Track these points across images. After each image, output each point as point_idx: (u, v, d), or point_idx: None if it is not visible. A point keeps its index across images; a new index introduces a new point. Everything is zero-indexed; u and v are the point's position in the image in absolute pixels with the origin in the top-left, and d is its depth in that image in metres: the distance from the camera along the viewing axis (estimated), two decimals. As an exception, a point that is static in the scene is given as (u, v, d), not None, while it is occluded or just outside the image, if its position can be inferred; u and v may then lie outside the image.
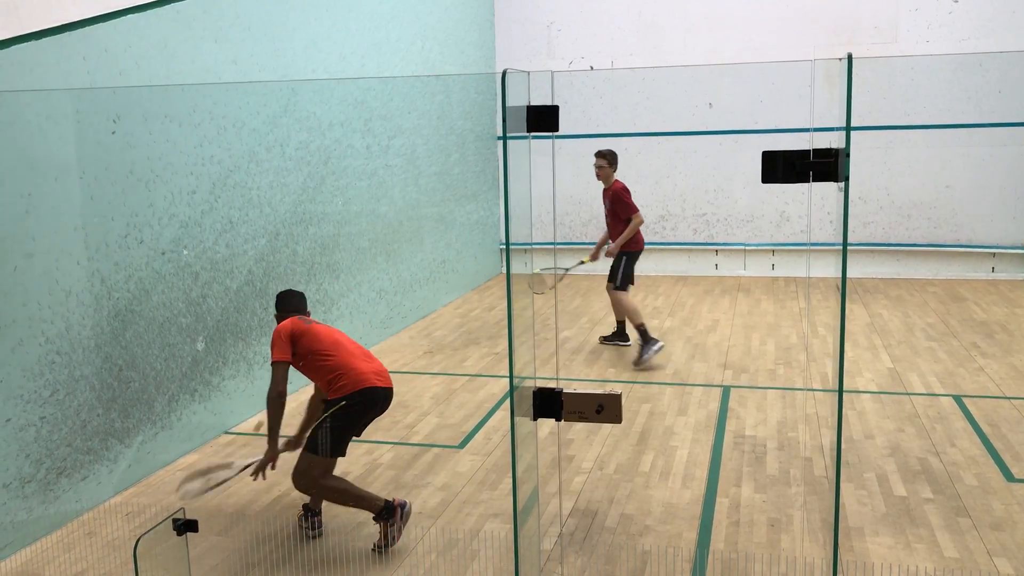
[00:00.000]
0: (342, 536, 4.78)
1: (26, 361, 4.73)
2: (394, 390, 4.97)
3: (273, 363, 4.75)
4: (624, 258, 8.22)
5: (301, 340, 4.77)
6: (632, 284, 8.35)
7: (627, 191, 8.27)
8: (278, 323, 5.01)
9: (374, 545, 4.62)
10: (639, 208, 8.28)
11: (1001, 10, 11.24)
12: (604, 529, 4.77)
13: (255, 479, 4.90)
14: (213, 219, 6.29)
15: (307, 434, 4.81)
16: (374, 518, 4.63)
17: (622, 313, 8.42)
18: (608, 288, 8.38)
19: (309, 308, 7.47)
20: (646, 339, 7.86)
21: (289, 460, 4.92)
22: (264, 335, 7.01)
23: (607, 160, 8.27)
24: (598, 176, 8.34)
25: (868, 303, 10.32)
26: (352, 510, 4.88)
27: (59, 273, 4.94)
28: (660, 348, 7.88)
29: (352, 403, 4.66)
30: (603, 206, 8.49)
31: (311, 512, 4.85)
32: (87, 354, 5.15)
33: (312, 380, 4.90)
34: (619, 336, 8.67)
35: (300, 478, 4.67)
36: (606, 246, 8.45)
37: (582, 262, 8.56)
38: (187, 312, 6.04)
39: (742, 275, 12.34)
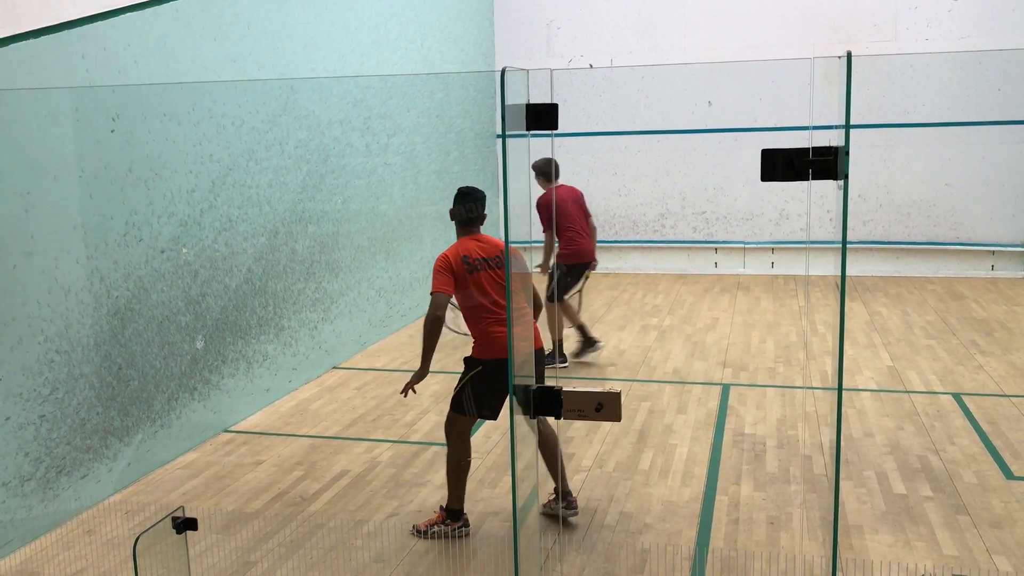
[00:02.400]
0: (342, 534, 4.78)
1: (25, 360, 4.73)
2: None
3: (432, 292, 4.68)
4: (560, 270, 7.81)
5: (458, 283, 4.69)
6: (567, 295, 7.92)
7: (544, 205, 7.76)
8: (453, 218, 4.88)
9: (417, 526, 4.77)
10: (551, 225, 7.88)
11: (1001, 7, 11.23)
12: (604, 527, 4.77)
13: (403, 395, 4.84)
14: (212, 217, 6.29)
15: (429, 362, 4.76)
16: (442, 507, 4.77)
17: (574, 320, 7.98)
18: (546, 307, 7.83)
19: (309, 305, 7.48)
20: (587, 342, 7.95)
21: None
22: (263, 333, 7.01)
23: (539, 175, 7.69)
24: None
25: (867, 301, 10.32)
26: (353, 508, 4.87)
27: (58, 272, 4.94)
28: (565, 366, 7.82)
29: (488, 370, 4.66)
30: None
31: (455, 511, 4.78)
32: (86, 352, 5.15)
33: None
34: (587, 344, 8.03)
35: (446, 426, 4.80)
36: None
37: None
38: (186, 310, 6.03)
39: (741, 273, 12.34)
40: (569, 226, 7.90)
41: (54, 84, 4.90)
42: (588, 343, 7.97)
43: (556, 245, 8.04)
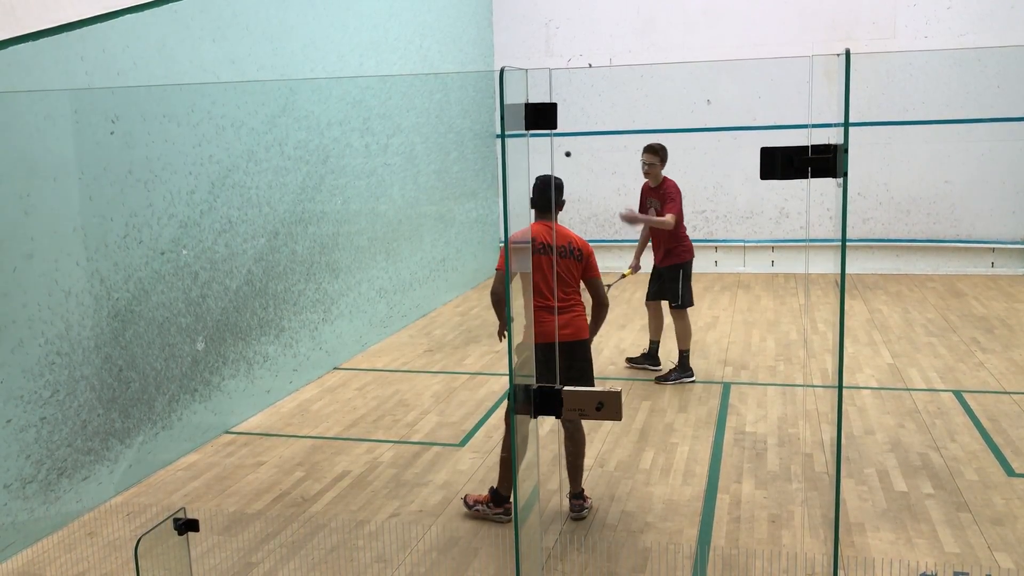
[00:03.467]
0: (343, 535, 4.79)
1: (26, 362, 4.73)
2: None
3: (497, 269, 5.05)
4: (681, 270, 7.31)
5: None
6: (692, 304, 7.45)
7: (678, 189, 7.25)
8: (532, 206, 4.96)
9: (468, 497, 5.00)
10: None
11: (1000, 5, 11.23)
12: (605, 526, 4.77)
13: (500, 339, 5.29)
14: (212, 219, 6.29)
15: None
16: (491, 489, 4.93)
17: (659, 333, 7.62)
18: (649, 305, 7.62)
19: (309, 306, 7.49)
20: (684, 367, 7.32)
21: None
22: (264, 334, 7.01)
23: (659, 157, 7.25)
24: (646, 174, 7.35)
25: (868, 299, 10.32)
26: (354, 508, 4.87)
27: (58, 274, 4.94)
28: (692, 380, 7.29)
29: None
30: (648, 206, 7.46)
31: (500, 497, 4.90)
32: (87, 354, 5.15)
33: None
34: (650, 358, 7.70)
35: (505, 414, 5.06)
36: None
37: (623, 275, 7.80)
38: (187, 312, 6.04)
39: (742, 272, 12.34)
40: (684, 223, 7.44)
41: (53, 86, 4.90)
42: (684, 369, 7.36)
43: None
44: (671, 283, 7.35)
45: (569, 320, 4.92)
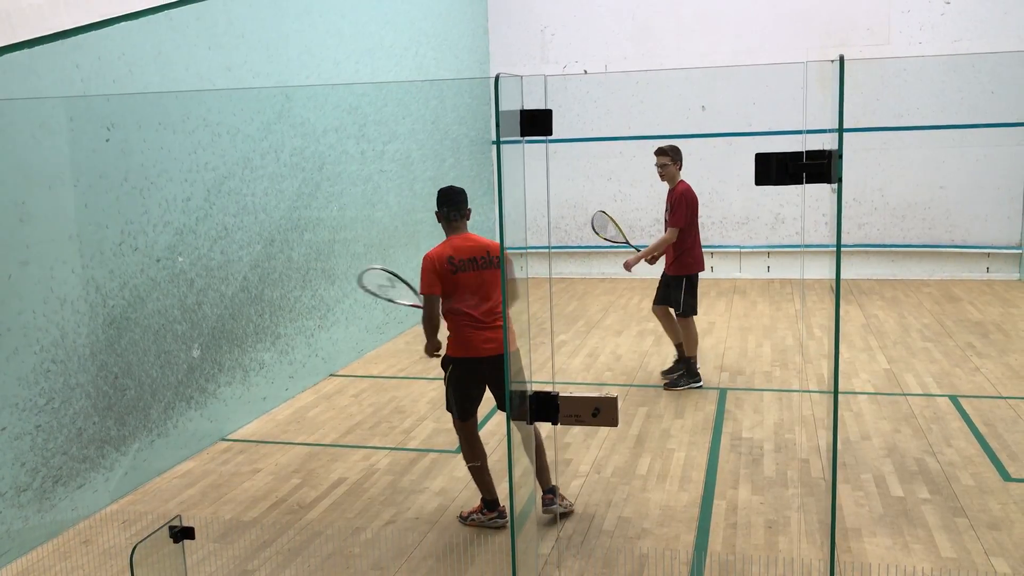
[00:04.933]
0: (339, 542, 4.78)
1: (21, 370, 4.72)
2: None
3: (423, 294, 4.85)
4: (685, 280, 7.31)
5: (442, 282, 4.78)
6: (695, 313, 7.39)
7: (688, 197, 7.18)
8: (439, 220, 4.97)
9: (462, 512, 5.02)
10: (684, 224, 7.19)
11: (993, 11, 11.28)
12: (602, 532, 4.77)
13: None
14: (208, 226, 6.29)
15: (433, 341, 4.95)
16: (481, 500, 4.95)
17: (678, 335, 7.47)
18: (656, 311, 7.55)
19: (305, 313, 7.51)
20: (691, 372, 7.31)
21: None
22: (259, 341, 7.00)
23: (669, 157, 7.19)
24: (661, 177, 7.26)
25: (864, 304, 10.34)
26: (351, 515, 4.86)
27: (54, 281, 4.93)
28: (699, 386, 7.29)
29: (458, 369, 4.87)
30: (663, 209, 7.46)
31: (491, 503, 4.96)
32: (82, 362, 5.14)
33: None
34: (689, 375, 7.41)
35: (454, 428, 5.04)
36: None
37: (631, 246, 7.78)
38: (182, 319, 6.03)
39: (737, 277, 12.35)
40: (696, 231, 7.33)
41: (49, 94, 4.90)
42: (691, 375, 7.34)
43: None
44: (675, 291, 7.35)
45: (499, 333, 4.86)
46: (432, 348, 4.95)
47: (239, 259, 6.68)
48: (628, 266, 7.48)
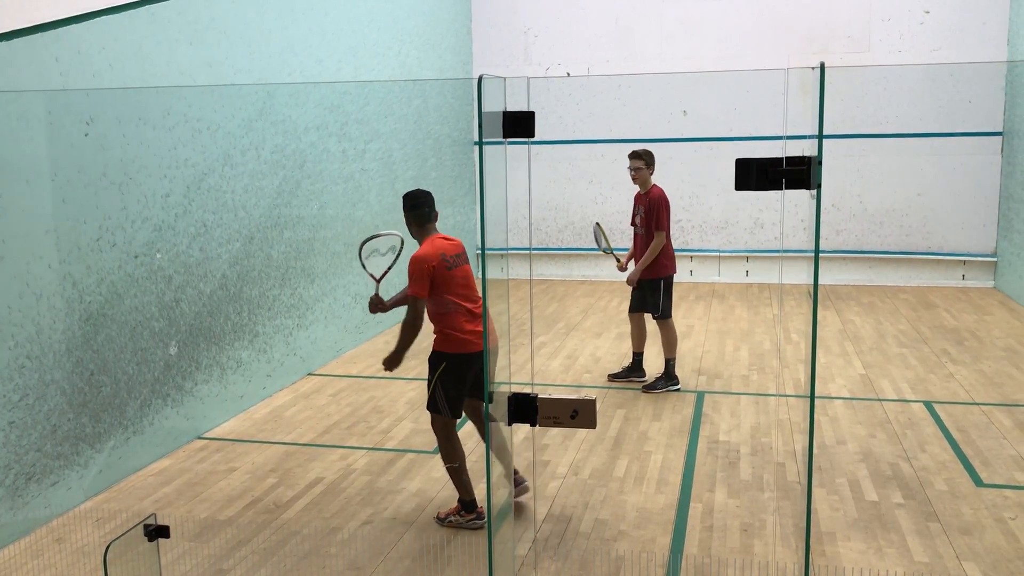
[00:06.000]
0: (316, 542, 4.76)
1: (-5, 365, 4.67)
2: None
3: (412, 295, 4.87)
4: (662, 283, 7.33)
5: (436, 281, 4.80)
6: (670, 315, 7.43)
7: (666, 200, 7.28)
8: (413, 222, 5.06)
9: (439, 513, 5.00)
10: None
11: (971, 21, 11.40)
12: (578, 534, 4.78)
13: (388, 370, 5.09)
14: (187, 223, 6.25)
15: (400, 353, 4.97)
16: (459, 500, 4.93)
17: (643, 344, 7.61)
18: (632, 318, 7.59)
19: (284, 311, 7.48)
20: (670, 376, 7.33)
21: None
22: (237, 340, 6.96)
23: (643, 161, 7.29)
24: (634, 180, 7.37)
25: (841, 310, 10.42)
26: (327, 515, 4.85)
27: (30, 276, 4.89)
28: (677, 389, 7.33)
29: (451, 365, 4.85)
30: (635, 213, 7.51)
31: (469, 504, 4.95)
32: (58, 358, 5.09)
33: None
34: (635, 370, 7.64)
35: (432, 426, 4.99)
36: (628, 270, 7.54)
37: (613, 253, 7.70)
38: (160, 316, 5.99)
39: (716, 281, 12.41)
40: (669, 233, 7.40)
41: (27, 87, 4.85)
42: (670, 377, 7.37)
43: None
44: (652, 295, 7.37)
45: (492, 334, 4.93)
46: (399, 359, 4.94)
47: (218, 256, 6.65)
48: (632, 282, 7.44)
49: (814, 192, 2.61)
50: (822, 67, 2.54)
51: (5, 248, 4.72)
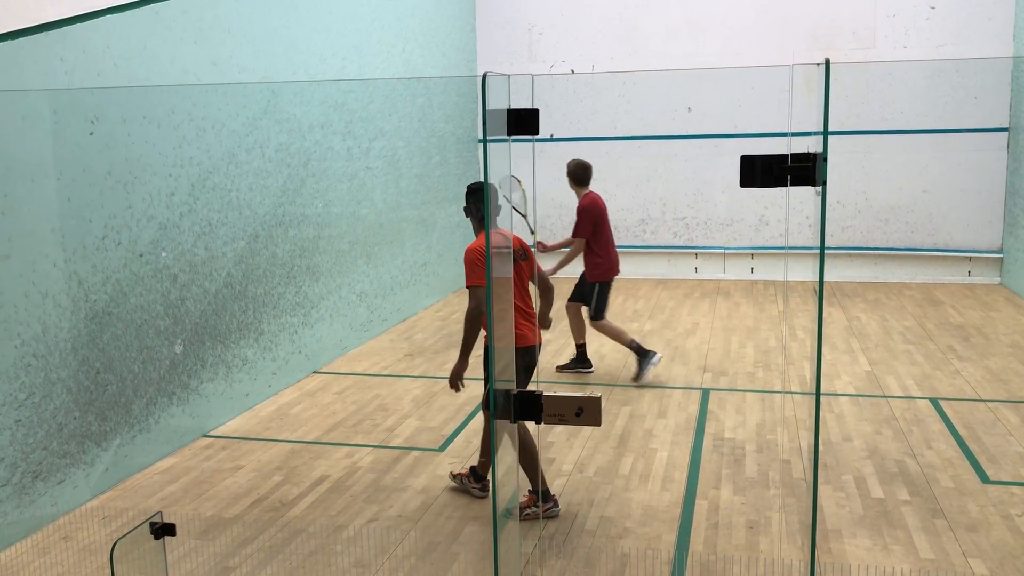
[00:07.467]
0: (321, 540, 4.77)
1: (1, 364, 4.68)
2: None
3: (473, 287, 4.91)
4: (597, 287, 7.64)
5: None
6: (604, 318, 7.71)
7: (593, 208, 7.55)
8: (472, 214, 5.04)
9: (451, 473, 5.25)
10: (589, 233, 7.52)
11: (977, 16, 11.36)
12: (584, 532, 4.78)
13: (455, 390, 5.09)
14: (192, 221, 6.26)
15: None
16: (471, 467, 5.13)
17: (582, 336, 7.91)
18: (569, 308, 7.86)
19: (289, 309, 7.48)
20: (642, 353, 7.47)
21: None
22: (243, 338, 6.97)
23: (570, 178, 7.70)
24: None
25: (846, 306, 10.40)
26: (333, 513, 4.85)
27: (36, 275, 4.90)
28: (659, 359, 7.48)
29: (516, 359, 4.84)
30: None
31: (479, 475, 5.09)
32: (64, 357, 5.11)
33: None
34: (580, 362, 7.95)
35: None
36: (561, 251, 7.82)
37: (536, 240, 7.68)
38: (165, 315, 6.00)
39: (721, 278, 12.40)
40: (607, 238, 7.69)
41: (32, 86, 4.86)
42: (643, 355, 7.49)
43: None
44: (588, 295, 7.72)
45: (534, 324, 5.00)
46: (464, 363, 4.92)
47: (223, 255, 6.65)
48: (542, 248, 7.69)
49: (819, 189, 2.61)
50: (827, 63, 2.54)
51: (11, 247, 4.73)
